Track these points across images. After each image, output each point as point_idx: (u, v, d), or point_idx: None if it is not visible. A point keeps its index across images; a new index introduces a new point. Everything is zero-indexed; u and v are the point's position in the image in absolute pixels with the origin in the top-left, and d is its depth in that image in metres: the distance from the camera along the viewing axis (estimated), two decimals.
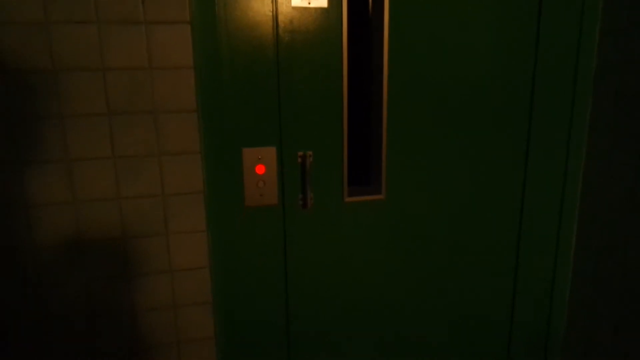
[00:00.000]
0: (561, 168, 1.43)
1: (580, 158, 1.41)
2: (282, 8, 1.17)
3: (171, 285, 1.20)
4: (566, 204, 1.45)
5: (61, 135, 1.05)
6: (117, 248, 1.14)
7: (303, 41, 1.20)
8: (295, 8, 1.18)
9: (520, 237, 1.47)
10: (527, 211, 1.45)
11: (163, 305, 1.20)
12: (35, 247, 1.09)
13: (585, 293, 1.44)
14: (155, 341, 1.21)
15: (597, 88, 1.35)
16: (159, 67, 1.07)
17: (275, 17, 1.17)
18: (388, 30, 1.23)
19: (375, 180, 1.35)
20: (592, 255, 1.40)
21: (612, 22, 1.28)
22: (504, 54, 1.32)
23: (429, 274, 1.44)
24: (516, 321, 1.54)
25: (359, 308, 1.41)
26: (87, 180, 1.09)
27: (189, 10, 1.07)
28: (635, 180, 1.23)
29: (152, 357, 1.22)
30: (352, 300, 1.40)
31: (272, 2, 1.16)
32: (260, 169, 1.24)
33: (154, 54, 1.06)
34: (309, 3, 1.18)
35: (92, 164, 1.08)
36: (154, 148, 1.11)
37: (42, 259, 1.10)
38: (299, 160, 1.26)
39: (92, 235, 1.12)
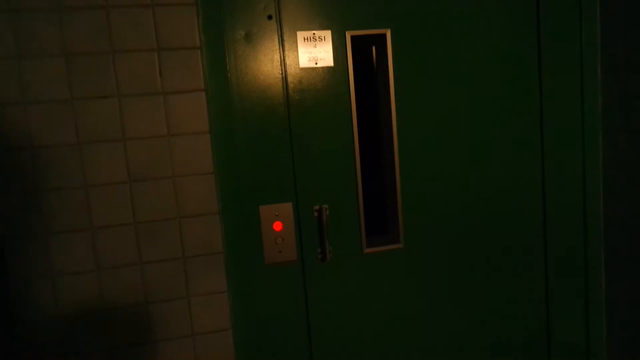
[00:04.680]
0: (580, 192, 1.42)
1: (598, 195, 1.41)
2: (291, 70, 1.23)
3: (193, 350, 1.18)
4: (590, 241, 1.43)
5: (85, 205, 1.09)
6: (139, 313, 1.14)
7: (313, 99, 1.25)
8: (303, 69, 1.23)
9: (548, 287, 1.43)
10: (550, 250, 1.42)
11: None
12: (60, 316, 1.10)
13: None
14: None
15: (606, 124, 1.36)
16: (176, 133, 1.12)
17: (285, 78, 1.23)
18: (394, 84, 1.28)
19: (393, 229, 1.34)
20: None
21: (612, 59, 1.32)
22: (508, 91, 1.35)
23: (452, 321, 1.40)
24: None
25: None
26: (109, 247, 1.11)
27: (203, 79, 1.13)
28: None
29: None
30: (376, 351, 1.36)
31: (281, 65, 1.22)
32: (277, 226, 1.25)
33: (172, 122, 1.11)
34: (316, 63, 1.24)
35: (114, 231, 1.11)
36: (174, 212, 1.13)
37: (65, 328, 1.10)
38: (316, 214, 1.27)
39: (115, 301, 1.12)
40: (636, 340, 1.33)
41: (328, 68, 1.25)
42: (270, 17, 1.20)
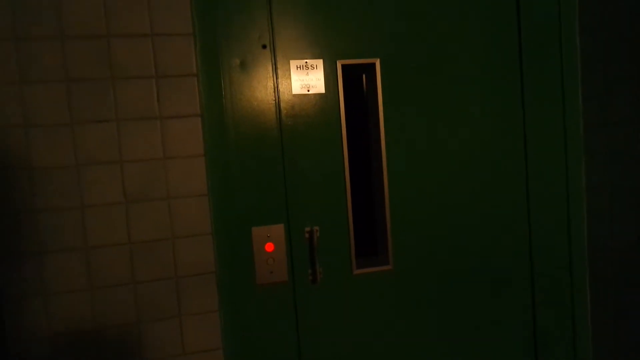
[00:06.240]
0: (563, 211, 1.46)
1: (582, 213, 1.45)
2: (284, 96, 1.28)
3: None
4: (574, 260, 1.46)
5: (81, 225, 1.11)
6: (132, 333, 1.15)
7: (305, 124, 1.29)
8: (295, 95, 1.28)
9: (535, 305, 1.46)
10: (536, 271, 1.46)
11: None
12: (52, 335, 1.11)
13: None
14: None
15: (588, 147, 1.42)
16: (172, 156, 1.16)
17: (278, 104, 1.28)
18: (383, 110, 1.33)
19: (382, 250, 1.38)
20: None
21: (591, 89, 1.38)
22: (492, 117, 1.40)
23: (441, 342, 1.42)
24: None
25: None
26: (103, 266, 1.13)
27: (199, 104, 1.17)
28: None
29: None
30: None
31: (274, 91, 1.27)
32: (269, 247, 1.28)
33: (168, 146, 1.15)
34: (308, 90, 1.29)
35: (109, 250, 1.13)
36: (168, 232, 1.16)
37: (58, 347, 1.11)
38: (307, 235, 1.30)
39: (107, 320, 1.14)
40: None
41: (320, 95, 1.30)
42: (264, 47, 1.26)
